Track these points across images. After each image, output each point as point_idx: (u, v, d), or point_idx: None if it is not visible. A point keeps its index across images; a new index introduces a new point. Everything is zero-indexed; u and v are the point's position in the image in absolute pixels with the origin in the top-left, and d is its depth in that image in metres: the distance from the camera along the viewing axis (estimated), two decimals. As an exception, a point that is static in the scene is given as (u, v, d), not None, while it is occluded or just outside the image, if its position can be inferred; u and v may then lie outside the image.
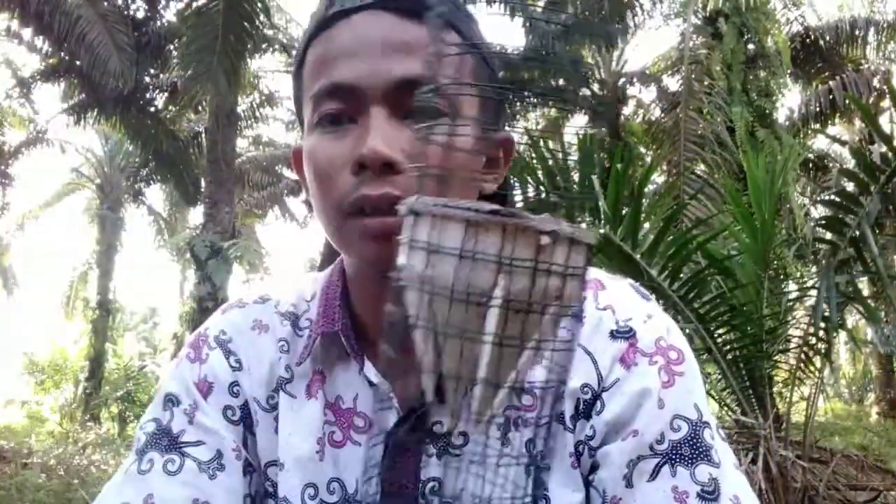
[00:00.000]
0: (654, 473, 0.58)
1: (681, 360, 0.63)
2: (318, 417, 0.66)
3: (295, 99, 0.69)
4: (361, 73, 0.60)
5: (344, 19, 0.62)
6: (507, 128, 0.69)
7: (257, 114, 12.96)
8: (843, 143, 7.85)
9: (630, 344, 0.63)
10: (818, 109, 9.24)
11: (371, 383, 0.65)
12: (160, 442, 0.65)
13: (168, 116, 11.28)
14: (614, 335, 0.64)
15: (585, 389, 0.62)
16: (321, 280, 0.73)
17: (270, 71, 13.54)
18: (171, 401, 0.67)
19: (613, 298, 0.67)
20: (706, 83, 7.91)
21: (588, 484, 0.62)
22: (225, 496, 0.64)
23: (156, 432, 0.66)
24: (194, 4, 7.83)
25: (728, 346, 3.24)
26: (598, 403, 0.62)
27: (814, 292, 3.22)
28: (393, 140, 0.58)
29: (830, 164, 10.07)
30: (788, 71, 8.98)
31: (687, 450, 0.58)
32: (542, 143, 3.15)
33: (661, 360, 0.62)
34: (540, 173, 3.09)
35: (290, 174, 15.05)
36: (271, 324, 0.71)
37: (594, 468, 0.61)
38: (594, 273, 0.71)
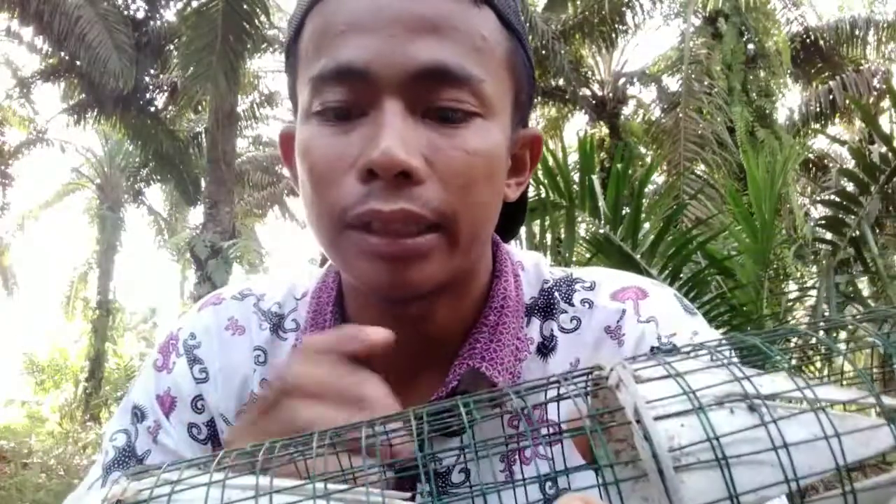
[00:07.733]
0: None
1: None
2: None
3: (288, 76, 0.57)
4: (375, 54, 0.48)
5: None
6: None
7: (257, 114, 12.96)
8: (843, 143, 7.85)
9: None
10: (818, 109, 9.24)
11: None
12: (127, 462, 0.60)
13: (168, 116, 11.29)
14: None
15: None
16: (315, 278, 0.64)
17: (270, 71, 13.52)
18: (136, 414, 0.62)
19: (656, 310, 0.58)
20: (706, 83, 7.92)
21: None
22: None
23: (124, 449, 0.61)
24: (194, 4, 7.84)
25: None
26: None
27: (814, 292, 3.22)
28: (411, 142, 0.47)
29: (830, 164, 10.06)
30: (788, 71, 8.98)
31: None
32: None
33: None
34: (540, 173, 3.09)
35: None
36: (248, 325, 0.63)
37: None
38: (632, 279, 0.62)
